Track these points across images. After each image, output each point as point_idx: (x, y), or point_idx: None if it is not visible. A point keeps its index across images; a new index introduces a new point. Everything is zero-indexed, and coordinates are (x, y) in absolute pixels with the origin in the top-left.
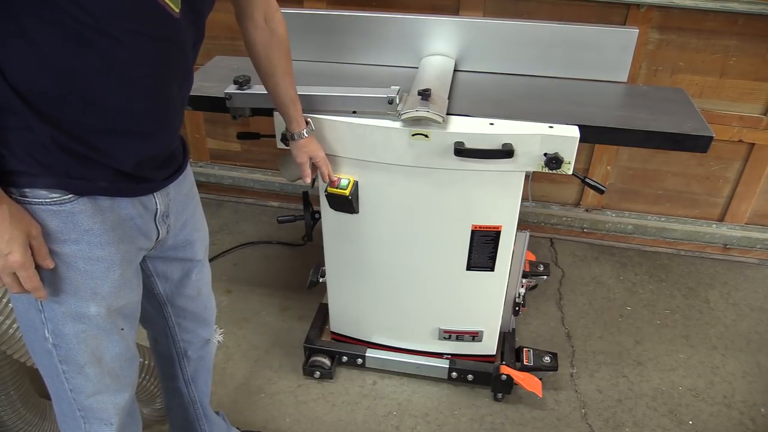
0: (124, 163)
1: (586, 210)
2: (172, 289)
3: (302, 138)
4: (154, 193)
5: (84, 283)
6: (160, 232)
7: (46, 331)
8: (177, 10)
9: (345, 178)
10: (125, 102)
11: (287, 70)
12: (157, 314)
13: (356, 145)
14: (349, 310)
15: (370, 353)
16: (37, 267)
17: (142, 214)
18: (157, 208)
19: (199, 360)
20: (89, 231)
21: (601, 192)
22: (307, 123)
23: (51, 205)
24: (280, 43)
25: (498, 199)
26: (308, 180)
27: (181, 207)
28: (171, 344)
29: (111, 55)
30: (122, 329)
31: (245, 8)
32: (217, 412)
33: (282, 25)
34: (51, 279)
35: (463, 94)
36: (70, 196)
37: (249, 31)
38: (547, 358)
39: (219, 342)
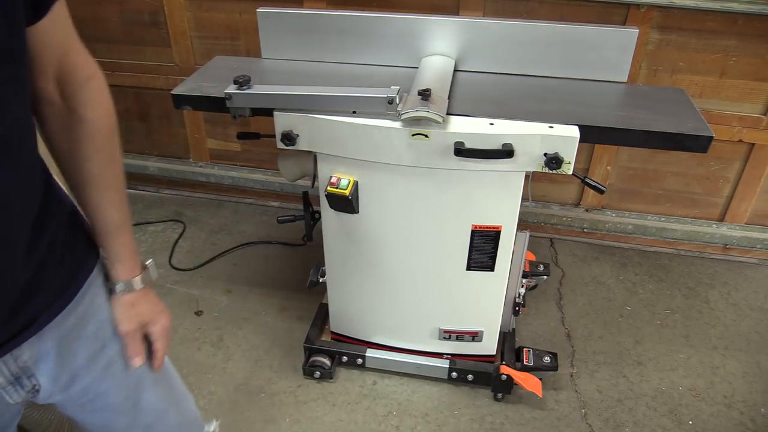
0: None
1: (586, 210)
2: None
3: (131, 291)
4: None
5: None
6: (21, 394)
7: None
8: None
9: (345, 178)
10: None
11: (108, 182)
12: None
13: (356, 145)
14: (349, 310)
15: (370, 353)
16: None
17: None
18: None
19: None
20: None
21: (601, 192)
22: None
23: None
24: (92, 135)
25: (498, 199)
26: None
27: (64, 357)
28: None
29: None
30: None
31: (32, 63)
32: None
33: (100, 108)
34: None
35: (463, 94)
36: None
37: (37, 106)
38: (547, 358)
39: None
